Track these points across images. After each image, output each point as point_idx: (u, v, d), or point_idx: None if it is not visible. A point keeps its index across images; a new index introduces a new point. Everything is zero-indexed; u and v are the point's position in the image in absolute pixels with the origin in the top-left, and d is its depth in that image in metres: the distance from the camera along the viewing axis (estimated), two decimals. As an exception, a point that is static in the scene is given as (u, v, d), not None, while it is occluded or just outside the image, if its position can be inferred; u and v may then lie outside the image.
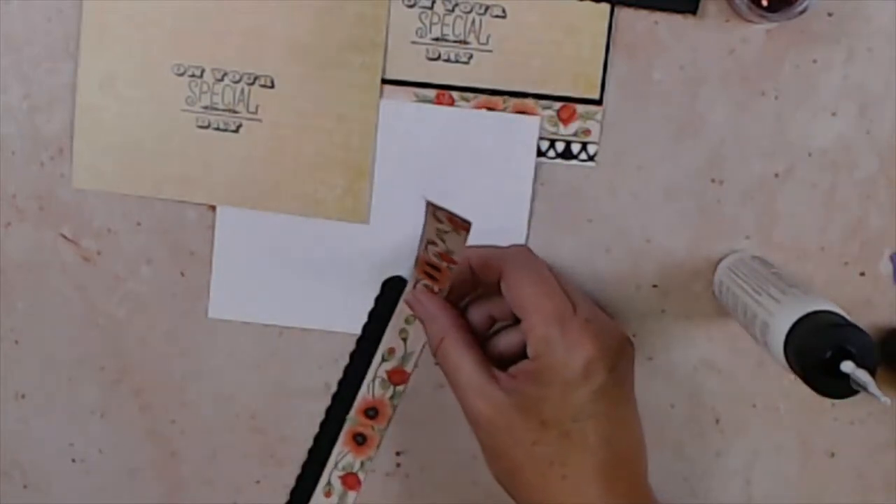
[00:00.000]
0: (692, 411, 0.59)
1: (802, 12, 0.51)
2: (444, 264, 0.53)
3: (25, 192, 0.57)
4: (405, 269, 0.57)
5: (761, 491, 0.59)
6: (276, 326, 0.58)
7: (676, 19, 0.55)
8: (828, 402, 0.58)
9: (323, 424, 0.59)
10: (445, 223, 0.50)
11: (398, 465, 0.60)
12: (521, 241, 0.56)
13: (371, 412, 0.59)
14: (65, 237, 0.57)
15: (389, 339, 0.58)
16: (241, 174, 0.56)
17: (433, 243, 0.53)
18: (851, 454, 0.59)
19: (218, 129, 0.56)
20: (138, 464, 0.60)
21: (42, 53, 0.55)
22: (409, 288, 0.56)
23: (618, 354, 0.50)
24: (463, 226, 0.48)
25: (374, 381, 0.58)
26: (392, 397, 0.58)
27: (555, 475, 0.49)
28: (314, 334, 0.58)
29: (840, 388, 0.43)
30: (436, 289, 0.54)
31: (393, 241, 0.56)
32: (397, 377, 0.58)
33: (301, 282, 0.57)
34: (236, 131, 0.56)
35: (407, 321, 0.57)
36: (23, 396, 0.59)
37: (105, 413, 0.59)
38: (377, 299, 0.57)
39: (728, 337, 0.58)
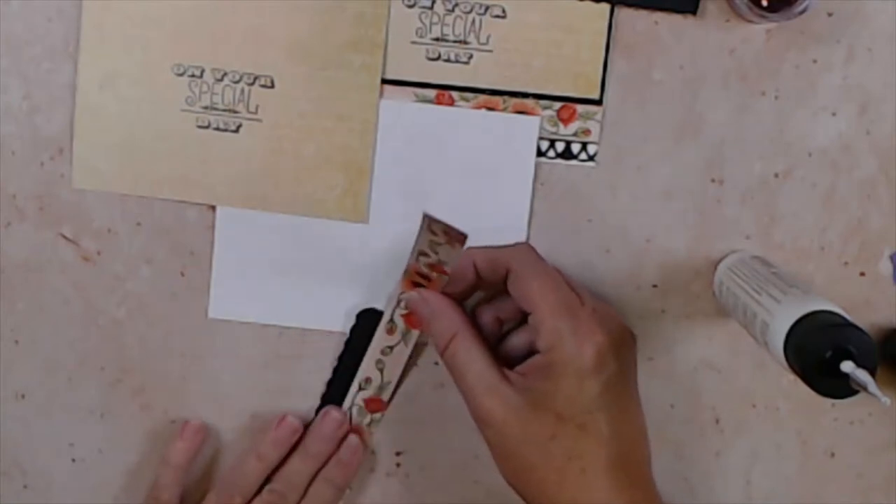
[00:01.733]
0: (692, 411, 0.59)
1: (802, 12, 0.51)
2: (435, 274, 0.53)
3: (25, 192, 0.57)
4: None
5: (761, 491, 0.59)
6: (276, 326, 0.58)
7: (676, 19, 0.55)
8: (828, 402, 0.58)
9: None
10: (440, 236, 0.50)
11: (398, 465, 0.60)
12: (522, 241, 0.56)
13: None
14: (65, 237, 0.57)
15: (366, 369, 0.57)
16: (241, 174, 0.56)
17: (425, 254, 0.52)
18: (851, 454, 0.59)
19: (218, 129, 0.55)
20: (138, 464, 0.60)
21: (42, 53, 0.55)
22: (388, 310, 0.56)
23: (624, 344, 0.50)
24: (458, 238, 0.48)
25: (351, 408, 0.58)
26: (370, 424, 0.58)
27: (573, 469, 0.49)
28: (314, 334, 0.58)
29: (840, 388, 0.43)
30: None
31: (392, 241, 0.56)
32: (374, 405, 0.58)
33: (301, 282, 0.57)
34: (236, 131, 0.56)
35: (383, 352, 0.57)
36: (23, 396, 0.59)
37: (105, 413, 0.59)
38: (352, 330, 0.57)
39: (728, 337, 0.58)
